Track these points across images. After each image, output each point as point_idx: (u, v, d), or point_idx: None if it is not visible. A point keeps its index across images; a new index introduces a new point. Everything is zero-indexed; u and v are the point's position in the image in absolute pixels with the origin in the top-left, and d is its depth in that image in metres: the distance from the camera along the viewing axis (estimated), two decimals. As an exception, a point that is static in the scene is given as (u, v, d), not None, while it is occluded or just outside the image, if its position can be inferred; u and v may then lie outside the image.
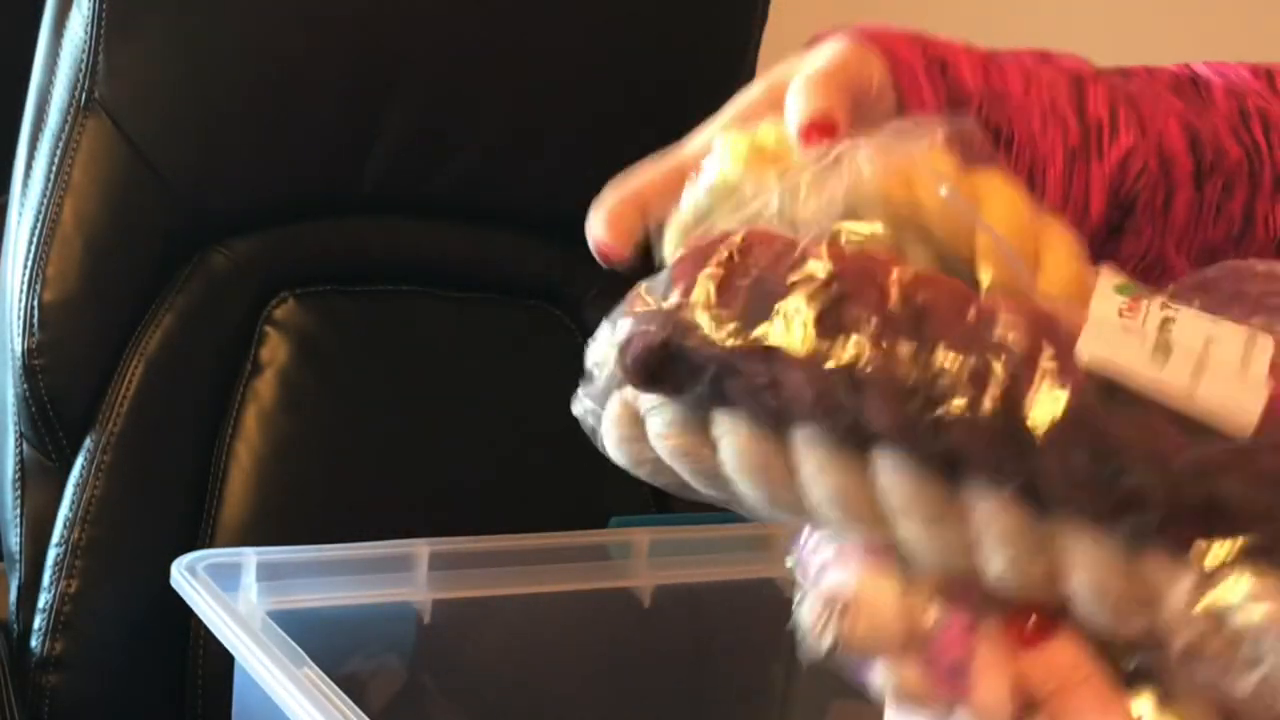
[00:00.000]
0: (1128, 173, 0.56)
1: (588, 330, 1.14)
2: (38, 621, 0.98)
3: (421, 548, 0.90)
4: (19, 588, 1.00)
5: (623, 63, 1.11)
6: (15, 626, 1.00)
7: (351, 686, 0.75)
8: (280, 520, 1.02)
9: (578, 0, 1.10)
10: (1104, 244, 0.57)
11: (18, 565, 1.00)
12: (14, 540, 1.01)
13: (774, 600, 1.00)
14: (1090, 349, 0.39)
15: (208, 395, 1.02)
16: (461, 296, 1.11)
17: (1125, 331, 0.39)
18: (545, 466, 1.09)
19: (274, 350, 1.04)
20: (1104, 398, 0.38)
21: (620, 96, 1.11)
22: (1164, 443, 0.38)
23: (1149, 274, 0.58)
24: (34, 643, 0.98)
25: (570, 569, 0.95)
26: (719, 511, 1.12)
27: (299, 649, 0.77)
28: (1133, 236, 0.57)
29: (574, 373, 0.47)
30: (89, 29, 0.98)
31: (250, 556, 0.85)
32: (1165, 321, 0.40)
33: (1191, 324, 0.40)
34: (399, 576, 0.89)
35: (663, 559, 0.97)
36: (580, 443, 0.46)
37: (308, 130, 1.04)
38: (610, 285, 1.22)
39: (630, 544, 0.97)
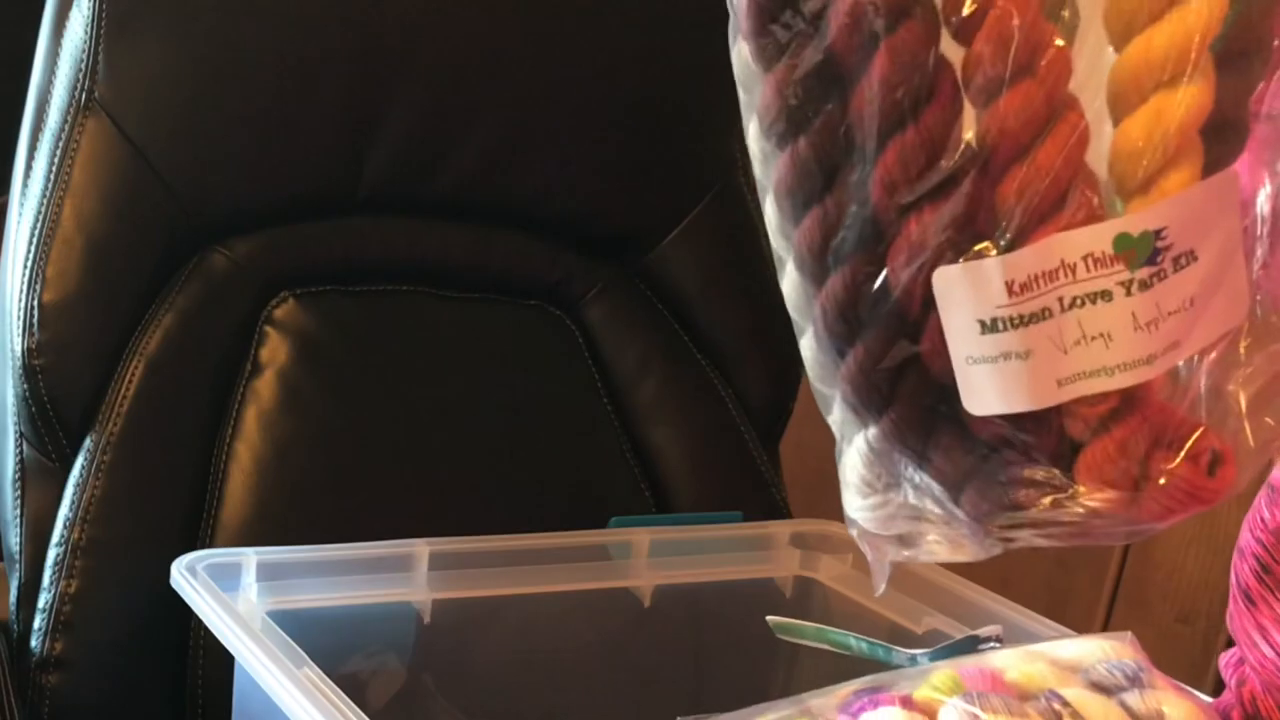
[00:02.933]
0: None
1: (588, 330, 1.14)
2: (38, 621, 0.98)
3: (421, 548, 0.90)
4: (19, 588, 1.00)
5: (622, 62, 1.11)
6: (15, 626, 1.00)
7: (351, 686, 0.75)
8: (280, 520, 1.02)
9: (577, 0, 1.10)
10: None
11: (18, 565, 1.00)
12: (14, 540, 1.01)
13: (774, 600, 1.00)
14: None
15: (208, 395, 1.02)
16: (461, 296, 1.11)
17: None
18: (545, 466, 1.09)
19: (274, 350, 1.04)
20: None
21: (620, 96, 1.11)
22: None
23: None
24: (34, 643, 0.98)
25: (570, 569, 0.95)
26: (719, 511, 1.11)
27: (299, 649, 0.77)
28: None
29: (573, 372, 0.47)
30: (89, 29, 0.98)
31: (250, 556, 0.85)
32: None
33: None
34: (399, 576, 0.89)
35: (663, 559, 0.97)
36: (580, 442, 0.46)
37: (308, 130, 1.04)
38: (610, 285, 1.22)
39: (630, 544, 0.97)
